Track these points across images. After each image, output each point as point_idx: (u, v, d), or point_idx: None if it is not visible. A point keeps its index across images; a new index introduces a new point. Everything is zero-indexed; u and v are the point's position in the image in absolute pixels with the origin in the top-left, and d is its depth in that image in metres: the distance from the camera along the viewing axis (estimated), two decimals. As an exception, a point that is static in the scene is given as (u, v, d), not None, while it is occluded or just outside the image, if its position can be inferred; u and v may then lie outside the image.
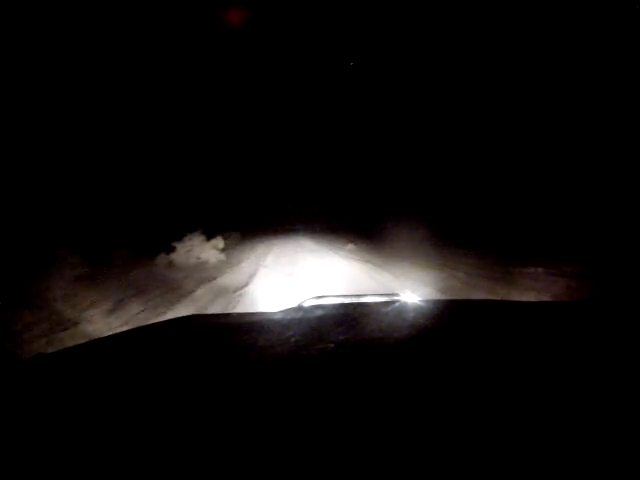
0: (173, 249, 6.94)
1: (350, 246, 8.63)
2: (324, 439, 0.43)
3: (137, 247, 7.21)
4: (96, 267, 5.68)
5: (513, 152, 10.27)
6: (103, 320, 3.49)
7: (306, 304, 1.19)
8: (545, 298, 3.87)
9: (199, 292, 4.55)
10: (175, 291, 4.64)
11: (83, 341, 0.98)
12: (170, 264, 6.58)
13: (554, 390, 0.53)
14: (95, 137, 9.69)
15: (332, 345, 0.72)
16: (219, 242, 7.52)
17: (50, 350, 0.83)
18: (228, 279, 5.38)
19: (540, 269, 5.12)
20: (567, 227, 6.98)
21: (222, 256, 7.25)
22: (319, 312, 1.06)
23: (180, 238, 7.15)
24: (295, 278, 5.28)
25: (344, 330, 0.83)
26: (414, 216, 9.98)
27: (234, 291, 4.54)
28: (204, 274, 5.84)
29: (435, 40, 14.26)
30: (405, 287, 4.42)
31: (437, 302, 1.57)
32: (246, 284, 4.91)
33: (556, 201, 8.26)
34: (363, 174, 19.04)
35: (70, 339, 2.95)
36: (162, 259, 6.73)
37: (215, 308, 3.80)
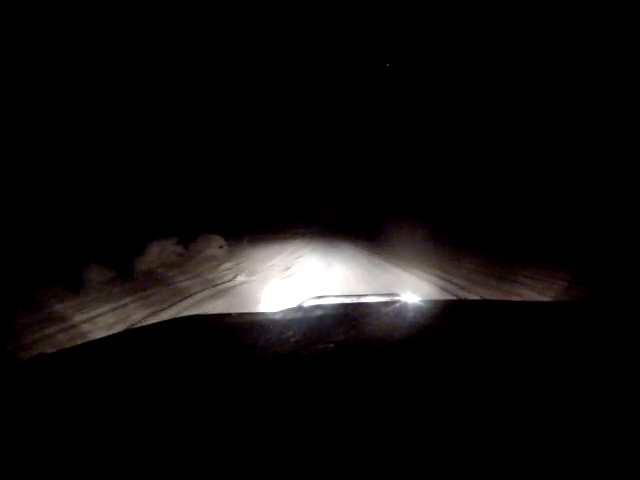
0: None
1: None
2: (324, 439, 0.43)
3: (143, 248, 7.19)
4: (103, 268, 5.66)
5: (513, 153, 10.27)
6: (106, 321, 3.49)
7: (306, 304, 1.19)
8: (545, 298, 3.88)
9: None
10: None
11: (83, 341, 0.98)
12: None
13: (554, 390, 0.53)
14: (100, 139, 9.67)
15: (332, 345, 0.72)
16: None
17: (50, 350, 0.82)
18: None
19: (540, 269, 5.13)
20: (566, 227, 6.99)
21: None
22: (319, 312, 1.06)
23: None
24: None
25: (344, 330, 0.83)
26: (416, 217, 10.00)
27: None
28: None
29: (437, 43, 14.26)
30: (405, 287, 4.45)
31: (437, 302, 1.56)
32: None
33: (555, 202, 8.26)
34: (365, 176, 19.03)
35: (70, 340, 2.95)
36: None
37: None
